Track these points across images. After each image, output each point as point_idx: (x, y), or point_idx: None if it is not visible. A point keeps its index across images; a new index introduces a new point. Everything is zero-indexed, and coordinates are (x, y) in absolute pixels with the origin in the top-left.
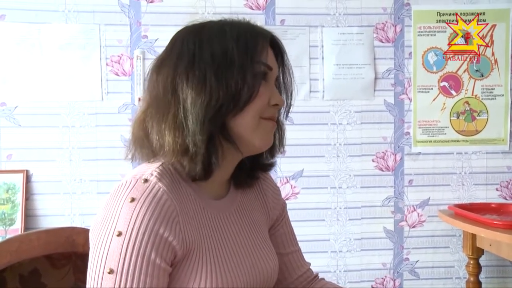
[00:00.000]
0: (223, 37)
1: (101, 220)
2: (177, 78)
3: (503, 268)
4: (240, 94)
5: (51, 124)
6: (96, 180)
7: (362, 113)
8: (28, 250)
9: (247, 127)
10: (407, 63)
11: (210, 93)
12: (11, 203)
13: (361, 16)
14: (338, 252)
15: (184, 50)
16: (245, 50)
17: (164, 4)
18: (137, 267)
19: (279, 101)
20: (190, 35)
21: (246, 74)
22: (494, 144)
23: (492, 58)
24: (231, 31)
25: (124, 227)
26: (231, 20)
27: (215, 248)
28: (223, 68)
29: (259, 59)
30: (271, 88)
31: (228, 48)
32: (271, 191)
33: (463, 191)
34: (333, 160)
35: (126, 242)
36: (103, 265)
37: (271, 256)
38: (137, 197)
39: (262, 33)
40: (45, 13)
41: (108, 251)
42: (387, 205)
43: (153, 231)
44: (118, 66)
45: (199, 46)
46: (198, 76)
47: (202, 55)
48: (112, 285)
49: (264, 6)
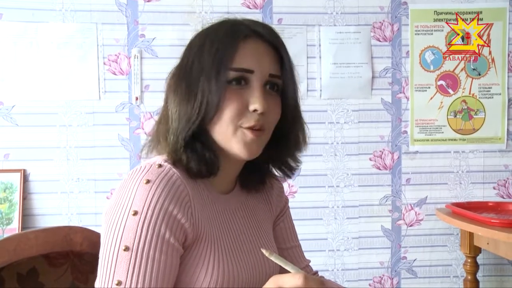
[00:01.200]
0: (202, 48)
1: (116, 201)
2: (168, 89)
3: (500, 266)
4: (206, 104)
5: (48, 123)
6: (93, 179)
7: (360, 112)
8: (25, 249)
9: (223, 135)
10: (404, 62)
11: (182, 104)
12: (8, 203)
13: (358, 15)
14: (335, 251)
15: (183, 61)
16: (214, 58)
17: (162, 3)
18: (152, 245)
19: (258, 106)
20: (188, 45)
21: (211, 82)
22: (491, 143)
23: (489, 57)
24: (209, 40)
25: (139, 207)
26: (218, 23)
27: (222, 240)
28: (195, 80)
29: (228, 65)
30: (252, 92)
31: (203, 59)
32: (275, 188)
33: (461, 189)
34: (331, 159)
35: (142, 221)
36: (118, 243)
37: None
38: (152, 179)
39: (234, 35)
40: (42, 12)
41: (124, 229)
42: (384, 203)
43: (167, 211)
44: (116, 65)
45: (185, 56)
46: (177, 88)
47: (184, 66)
48: (128, 262)
49: (261, 5)
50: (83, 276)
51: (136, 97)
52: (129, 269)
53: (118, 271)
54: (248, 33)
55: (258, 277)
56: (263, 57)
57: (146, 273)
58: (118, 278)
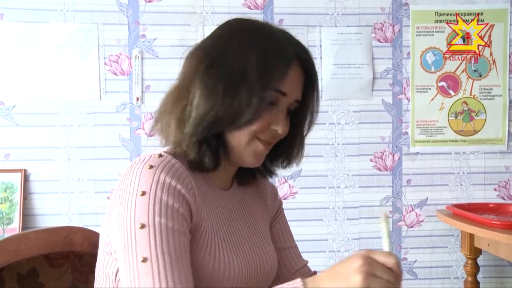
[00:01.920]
0: (248, 52)
1: (121, 189)
2: (196, 75)
3: (501, 268)
4: (240, 115)
5: (49, 123)
6: (94, 180)
7: (360, 113)
8: (26, 249)
9: (239, 142)
10: (405, 63)
11: (213, 103)
12: (9, 202)
13: (359, 16)
14: (336, 252)
15: (212, 49)
16: (261, 73)
17: (163, 4)
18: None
19: (281, 129)
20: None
21: (253, 97)
22: (492, 144)
23: (491, 58)
24: (258, 48)
25: (147, 187)
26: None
27: (222, 233)
28: (235, 83)
29: (273, 85)
30: (278, 113)
31: (248, 65)
32: (269, 191)
33: (461, 191)
34: (331, 160)
35: (151, 198)
36: (133, 223)
37: (270, 252)
38: (155, 165)
39: (287, 55)
40: (44, 12)
41: (135, 209)
42: (385, 205)
43: (174, 188)
44: (116, 66)
45: (224, 53)
46: (210, 82)
47: (223, 63)
48: (147, 237)
49: (262, 6)
50: (83, 276)
51: (137, 98)
52: (150, 244)
53: (140, 250)
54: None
55: (257, 272)
56: (297, 82)
57: (168, 243)
58: (143, 255)
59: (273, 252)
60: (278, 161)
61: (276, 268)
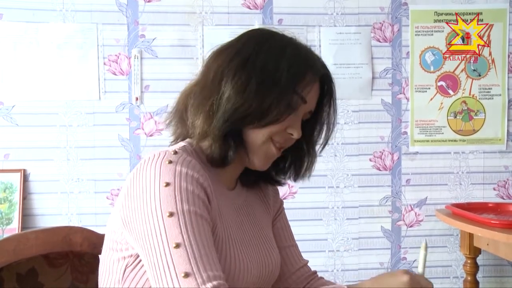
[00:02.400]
0: (280, 56)
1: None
2: (227, 71)
3: (500, 267)
4: (268, 114)
5: (48, 124)
6: (93, 180)
7: (360, 113)
8: (25, 249)
9: (255, 141)
10: (404, 62)
11: (245, 99)
12: (8, 203)
13: (359, 16)
14: (335, 252)
15: (244, 49)
16: (292, 77)
17: (162, 4)
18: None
19: (296, 133)
20: (256, 38)
21: (282, 99)
22: (491, 144)
23: (490, 58)
24: (289, 54)
25: (170, 178)
26: (296, 43)
27: (231, 232)
28: (266, 83)
29: (299, 91)
30: (295, 118)
31: (279, 68)
32: (271, 191)
33: (461, 190)
34: (331, 160)
35: (177, 188)
36: (161, 213)
37: (274, 252)
38: (174, 160)
39: (315, 68)
40: (43, 12)
41: (161, 200)
42: (384, 204)
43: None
44: (116, 66)
45: (257, 53)
46: (243, 79)
47: (255, 62)
48: (177, 224)
49: (261, 6)
50: (82, 276)
51: (136, 98)
52: (181, 230)
53: (171, 237)
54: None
55: (263, 271)
56: (316, 96)
57: (199, 228)
58: (175, 241)
59: (276, 252)
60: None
61: (279, 267)
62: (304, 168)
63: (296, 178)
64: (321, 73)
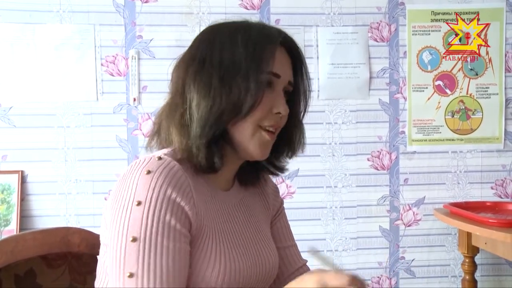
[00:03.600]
0: (234, 43)
1: (118, 193)
2: (187, 80)
3: (498, 266)
4: (242, 102)
5: (46, 125)
6: (91, 181)
7: (357, 112)
8: (23, 250)
9: (244, 134)
10: (401, 62)
11: (213, 98)
12: (6, 204)
13: (356, 16)
14: (334, 251)
15: (197, 52)
16: (252, 58)
17: (159, 4)
18: (159, 232)
19: (283, 110)
20: (206, 38)
21: (250, 82)
22: (489, 143)
23: (487, 57)
24: (242, 37)
25: (142, 197)
26: (245, 23)
27: (223, 234)
28: (229, 74)
29: (265, 68)
30: (276, 96)
31: (236, 55)
32: (271, 190)
33: (458, 189)
34: (329, 159)
35: (146, 210)
36: (125, 235)
37: (272, 251)
38: (153, 170)
39: (271, 38)
40: (40, 14)
41: (129, 221)
42: (382, 204)
43: (170, 199)
44: (113, 66)
45: (210, 50)
46: (204, 80)
47: (212, 60)
48: (137, 252)
49: (259, 6)
50: (81, 277)
51: (134, 98)
52: (139, 259)
53: (128, 263)
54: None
55: (259, 271)
56: (287, 65)
57: (156, 261)
58: (130, 270)
59: (274, 251)
60: (283, 154)
61: (277, 267)
62: (297, 141)
63: (291, 154)
64: (279, 40)
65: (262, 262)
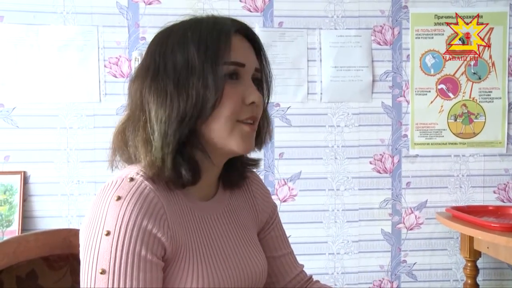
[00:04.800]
0: (185, 44)
1: (89, 221)
2: (144, 92)
3: (500, 270)
4: (203, 101)
5: (49, 126)
6: (93, 182)
7: (360, 115)
8: (25, 251)
9: (220, 132)
10: (404, 65)
11: (171, 105)
12: (8, 205)
13: (359, 19)
14: (335, 254)
15: (151, 62)
16: (205, 54)
17: (162, 6)
18: (129, 264)
19: (255, 98)
20: (156, 45)
21: (207, 79)
22: (492, 147)
23: (490, 61)
24: (192, 36)
25: (112, 226)
26: (195, 20)
27: (203, 248)
28: (184, 77)
29: (221, 60)
30: (245, 86)
31: (189, 56)
32: (260, 193)
33: (461, 193)
34: (331, 162)
35: (115, 240)
36: (94, 266)
37: (259, 257)
38: (123, 195)
39: (224, 30)
40: (44, 15)
41: (99, 251)
42: (384, 207)
43: (141, 228)
44: (116, 68)
45: (163, 57)
46: (159, 89)
47: (166, 67)
48: (106, 285)
49: (262, 9)
50: None
51: None
52: None
53: None
54: (236, 29)
55: (244, 280)
56: (249, 52)
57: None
58: None
59: (261, 257)
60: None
61: (265, 273)
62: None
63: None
64: (231, 28)
65: (248, 269)
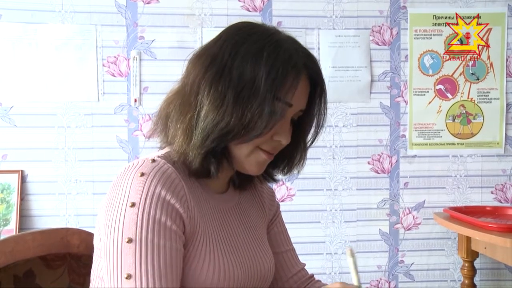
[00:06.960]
0: (257, 62)
1: (112, 196)
2: (203, 83)
3: (497, 271)
4: (250, 128)
5: (46, 125)
6: (91, 181)
7: (358, 116)
8: (22, 251)
9: (241, 153)
10: (403, 65)
11: (223, 114)
12: (6, 204)
13: (358, 19)
14: (333, 254)
15: (219, 55)
16: (272, 83)
17: (161, 5)
18: (155, 232)
19: (284, 139)
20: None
21: (264, 108)
22: (489, 147)
23: (488, 62)
24: (267, 58)
25: (136, 198)
26: (276, 39)
27: (219, 237)
28: (245, 93)
29: (282, 96)
30: (282, 124)
31: (257, 75)
32: (267, 194)
33: (458, 194)
34: (329, 162)
35: (140, 211)
36: (121, 236)
37: (267, 255)
38: (147, 172)
39: (297, 67)
40: (42, 13)
41: (124, 222)
42: (382, 207)
43: (165, 200)
44: (115, 67)
45: (232, 59)
46: (219, 92)
47: (231, 71)
48: (133, 253)
49: (261, 8)
50: (80, 278)
51: (135, 99)
52: (136, 260)
53: (125, 265)
54: (304, 69)
55: (253, 276)
56: (304, 94)
57: (154, 261)
58: (127, 272)
59: (269, 255)
60: (279, 168)
61: (273, 271)
62: (296, 162)
63: (287, 172)
64: (303, 69)
65: (256, 266)
